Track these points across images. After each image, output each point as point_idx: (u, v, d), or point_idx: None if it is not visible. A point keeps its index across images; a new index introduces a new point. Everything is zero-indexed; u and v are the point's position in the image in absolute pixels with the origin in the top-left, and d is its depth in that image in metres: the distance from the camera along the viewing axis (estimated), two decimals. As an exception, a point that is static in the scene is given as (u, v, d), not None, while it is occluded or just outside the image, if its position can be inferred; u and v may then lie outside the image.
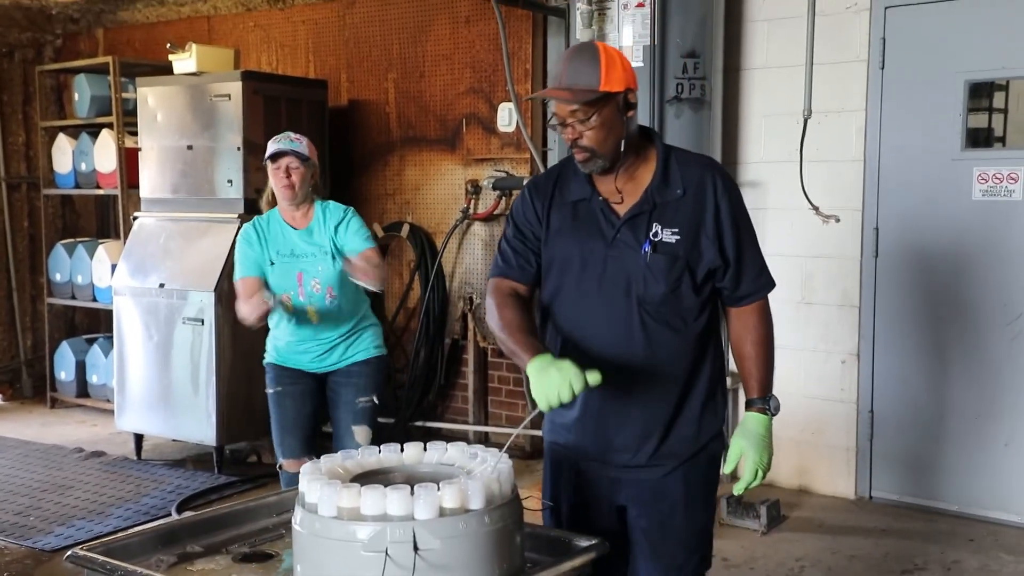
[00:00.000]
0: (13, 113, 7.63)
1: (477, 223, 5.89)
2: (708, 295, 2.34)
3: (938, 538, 4.48)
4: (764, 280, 2.39)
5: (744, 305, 2.38)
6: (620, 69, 2.24)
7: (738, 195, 2.37)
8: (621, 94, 2.25)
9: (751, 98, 5.10)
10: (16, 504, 5.01)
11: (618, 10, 4.56)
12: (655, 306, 2.28)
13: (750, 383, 2.38)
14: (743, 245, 2.34)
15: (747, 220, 2.38)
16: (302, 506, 1.91)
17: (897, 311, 4.83)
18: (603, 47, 2.27)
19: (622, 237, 2.29)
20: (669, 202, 2.30)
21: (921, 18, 4.68)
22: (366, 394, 3.82)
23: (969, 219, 4.63)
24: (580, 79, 2.22)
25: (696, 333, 2.33)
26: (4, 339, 7.66)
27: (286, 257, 3.76)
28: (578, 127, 2.24)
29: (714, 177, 2.33)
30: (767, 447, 2.33)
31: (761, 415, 2.34)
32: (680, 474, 2.36)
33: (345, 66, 6.38)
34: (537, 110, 5.65)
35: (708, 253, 2.30)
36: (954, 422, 4.73)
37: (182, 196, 5.80)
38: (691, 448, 2.37)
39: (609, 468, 2.38)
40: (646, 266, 2.27)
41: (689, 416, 2.36)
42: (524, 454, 5.71)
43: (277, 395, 3.87)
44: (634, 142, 2.32)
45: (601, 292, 2.30)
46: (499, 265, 2.44)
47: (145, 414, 5.74)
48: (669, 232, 2.28)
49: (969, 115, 4.63)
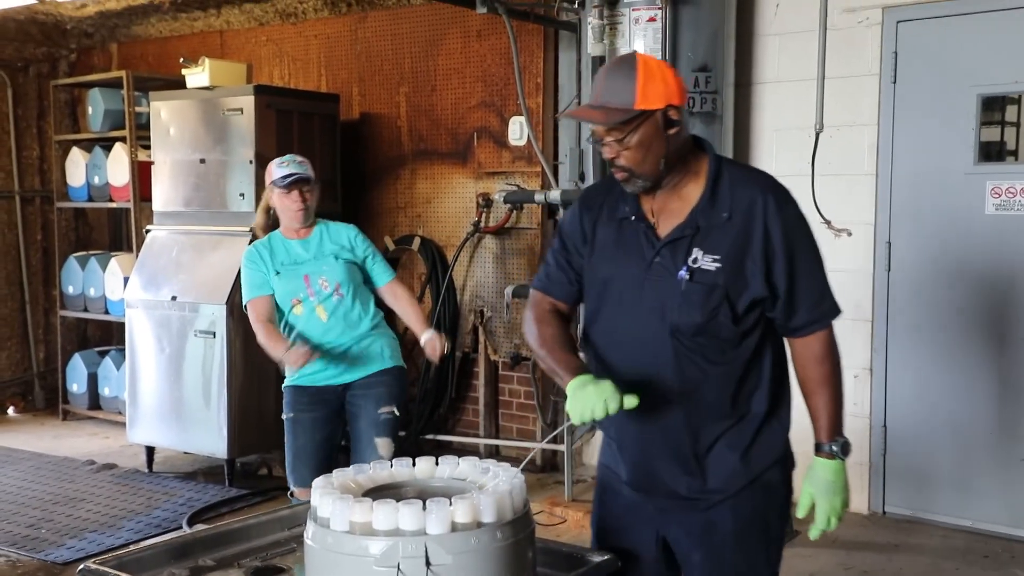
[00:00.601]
0: (28, 127, 7.68)
1: (488, 236, 5.90)
2: (754, 325, 2.17)
3: (952, 554, 4.45)
4: (824, 308, 2.20)
5: (801, 336, 2.21)
6: (660, 84, 2.10)
7: (794, 217, 2.17)
8: (660, 111, 2.10)
9: (763, 112, 5.10)
10: (28, 516, 5.02)
11: (629, 24, 4.57)
12: (689, 336, 2.14)
13: (815, 424, 2.22)
14: (797, 273, 2.14)
15: (805, 244, 2.17)
16: (314, 520, 1.91)
17: (910, 325, 4.81)
18: (643, 60, 2.13)
19: (661, 261, 2.16)
20: (714, 226, 2.14)
21: (933, 32, 4.67)
22: (388, 404, 3.78)
23: (982, 233, 4.61)
24: (614, 97, 2.10)
25: (741, 362, 2.18)
26: (17, 351, 7.69)
27: (290, 265, 3.80)
28: (615, 146, 2.12)
29: (766, 199, 2.14)
30: (838, 491, 2.20)
31: (828, 460, 2.19)
32: (728, 506, 2.22)
33: (357, 80, 6.41)
34: (549, 124, 5.66)
35: (754, 283, 2.12)
36: (968, 437, 4.70)
37: (194, 209, 5.82)
38: (740, 481, 2.21)
39: (654, 498, 2.27)
40: (681, 294, 2.12)
41: (736, 447, 2.20)
42: (536, 468, 5.69)
43: (291, 421, 3.85)
44: (681, 159, 2.17)
45: (635, 318, 2.18)
46: (542, 279, 2.37)
47: (157, 427, 5.75)
48: (710, 259, 2.12)
49: (982, 129, 4.62)
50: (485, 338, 5.88)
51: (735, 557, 2.24)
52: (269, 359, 3.92)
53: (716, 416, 2.19)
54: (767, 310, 2.17)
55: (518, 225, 5.79)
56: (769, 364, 2.22)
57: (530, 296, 2.38)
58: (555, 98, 5.66)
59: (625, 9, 4.58)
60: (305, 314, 3.78)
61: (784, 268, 2.13)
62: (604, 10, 4.56)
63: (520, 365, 5.76)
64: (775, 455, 2.24)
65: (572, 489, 5.11)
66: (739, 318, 2.14)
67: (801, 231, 2.18)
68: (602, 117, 2.11)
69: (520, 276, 5.75)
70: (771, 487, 2.24)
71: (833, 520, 2.20)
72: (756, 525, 2.25)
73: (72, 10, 6.67)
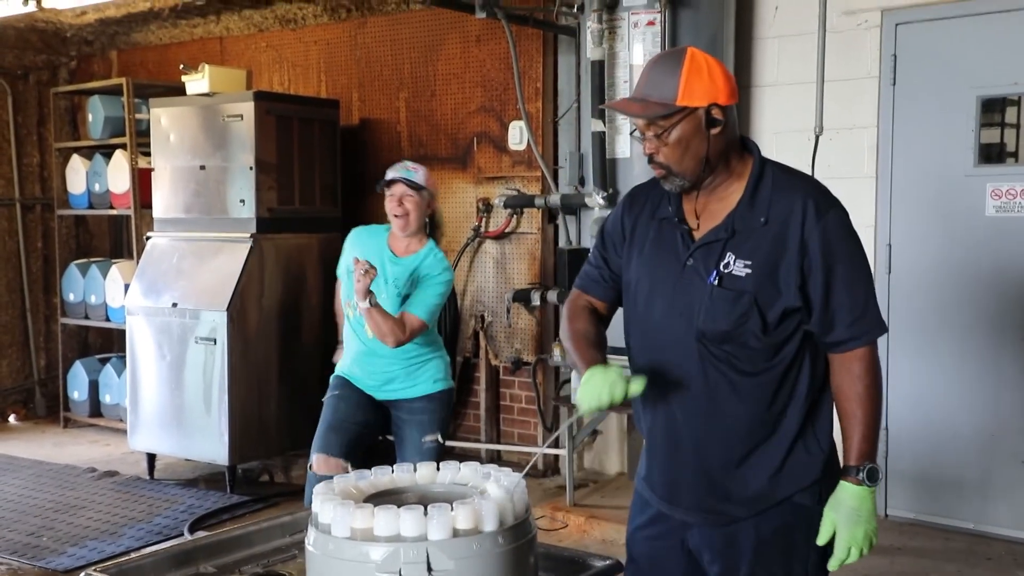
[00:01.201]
0: (28, 135, 7.68)
1: (489, 241, 5.90)
2: (789, 336, 2.08)
3: (955, 557, 4.44)
4: (866, 325, 2.07)
5: (840, 352, 2.09)
6: (706, 80, 2.03)
7: (836, 226, 2.07)
8: (703, 109, 2.04)
9: (762, 115, 5.10)
10: (29, 524, 5.02)
11: (628, 28, 4.58)
12: (716, 344, 2.07)
13: (846, 446, 2.10)
14: (834, 285, 2.04)
15: (847, 256, 2.06)
16: (315, 526, 1.91)
17: (911, 328, 4.80)
18: (692, 55, 2.05)
19: (693, 264, 2.10)
20: (750, 230, 2.06)
21: (932, 34, 4.67)
22: (432, 431, 3.70)
23: (983, 235, 4.61)
24: (656, 91, 2.04)
25: (775, 376, 2.08)
26: (18, 359, 7.69)
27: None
28: (654, 142, 2.07)
29: (806, 206, 2.04)
30: (864, 521, 2.07)
31: (854, 486, 2.07)
32: (751, 524, 2.14)
33: (357, 85, 6.41)
34: (548, 128, 5.67)
35: (787, 293, 2.04)
36: (970, 439, 4.70)
37: (195, 216, 5.82)
38: (766, 501, 2.13)
39: (677, 509, 2.22)
40: (709, 299, 2.06)
41: (765, 465, 2.11)
42: (538, 473, 5.69)
43: (333, 398, 3.76)
44: (725, 160, 2.11)
45: (666, 322, 2.13)
46: (582, 276, 2.35)
47: (158, 434, 5.74)
48: (742, 264, 2.04)
49: (982, 131, 4.62)
50: (486, 343, 5.88)
51: (752, 572, 2.17)
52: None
53: (744, 431, 2.11)
54: (804, 322, 2.08)
55: (518, 230, 5.79)
56: (806, 381, 2.12)
57: (570, 293, 2.37)
58: (555, 102, 5.67)
59: (624, 13, 4.59)
60: (355, 320, 3.71)
61: (821, 279, 2.04)
62: (603, 14, 4.57)
63: (521, 370, 5.76)
64: (809, 478, 2.13)
65: (574, 494, 5.10)
66: (769, 328, 2.05)
67: (843, 242, 2.08)
68: (640, 110, 2.06)
69: (521, 281, 5.75)
70: (800, 509, 2.14)
71: (854, 552, 2.08)
72: (778, 543, 2.16)
73: (72, 18, 6.68)
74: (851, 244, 2.10)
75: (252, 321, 5.52)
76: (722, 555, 2.19)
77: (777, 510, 2.14)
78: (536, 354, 5.65)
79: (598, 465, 5.71)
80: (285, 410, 5.64)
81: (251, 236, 5.52)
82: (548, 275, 5.68)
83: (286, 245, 5.65)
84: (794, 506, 2.14)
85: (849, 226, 2.11)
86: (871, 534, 2.10)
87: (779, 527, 2.15)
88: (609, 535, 4.69)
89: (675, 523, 2.24)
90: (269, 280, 5.60)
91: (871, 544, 2.10)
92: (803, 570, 2.18)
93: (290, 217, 5.68)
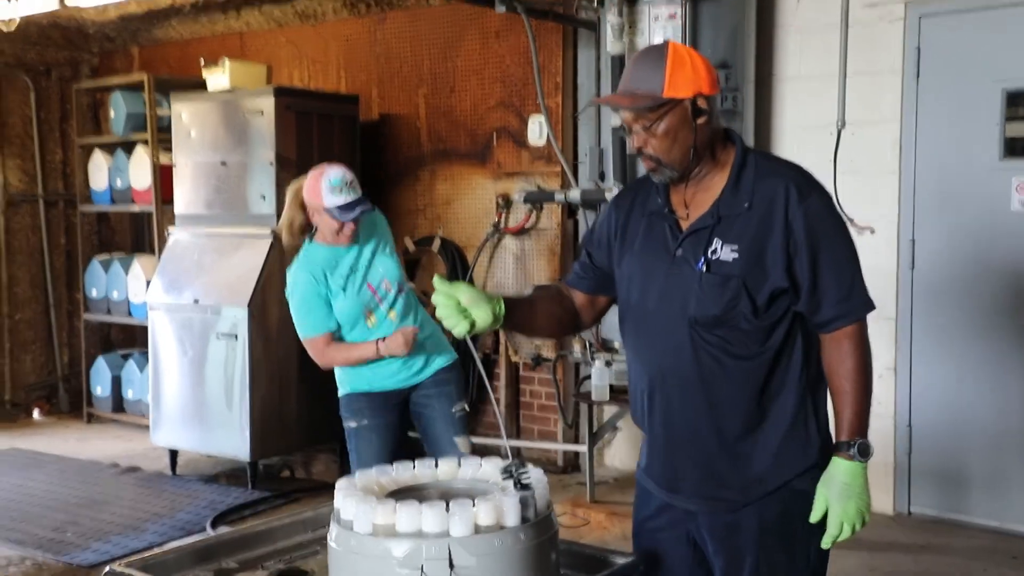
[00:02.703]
0: (50, 131, 7.74)
1: (508, 237, 5.89)
2: (780, 319, 2.11)
3: (979, 555, 4.40)
4: (854, 303, 2.12)
5: (829, 331, 2.13)
6: (690, 72, 2.08)
7: (819, 208, 2.11)
8: (688, 100, 2.08)
9: (783, 109, 5.06)
10: (53, 519, 5.05)
11: (649, 22, 4.56)
12: (709, 329, 2.11)
13: (837, 423, 2.14)
14: (821, 266, 2.08)
15: (831, 236, 2.11)
16: (337, 522, 1.91)
17: (935, 324, 4.76)
18: (674, 48, 2.11)
19: (683, 253, 2.14)
20: (735, 216, 2.11)
21: (956, 27, 4.62)
22: (459, 400, 3.67)
23: (1008, 230, 4.56)
24: (642, 84, 2.09)
25: (768, 359, 2.12)
26: (41, 355, 7.75)
27: (348, 277, 3.53)
28: (642, 134, 2.11)
29: (788, 189, 2.09)
30: (855, 496, 2.10)
31: (845, 461, 2.10)
32: (754, 510, 2.16)
33: (376, 81, 6.42)
34: (568, 123, 5.65)
35: (774, 274, 2.08)
36: (995, 436, 4.65)
37: (216, 212, 5.84)
38: (765, 486, 2.16)
39: (680, 499, 2.24)
40: (699, 285, 2.10)
41: (763, 449, 2.15)
42: (558, 470, 5.68)
43: (361, 430, 3.59)
44: (711, 151, 2.16)
45: (658, 312, 2.17)
46: (570, 273, 2.43)
47: (179, 429, 5.77)
48: (729, 249, 2.09)
49: (1007, 124, 4.56)
50: (506, 339, 5.87)
51: (758, 560, 2.18)
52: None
53: (740, 416, 2.14)
54: (792, 304, 2.11)
55: (538, 226, 5.78)
56: (800, 363, 2.15)
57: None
58: (574, 97, 5.64)
59: (645, 6, 4.57)
60: (378, 322, 3.56)
61: (808, 260, 2.08)
62: (623, 8, 4.55)
63: (541, 366, 5.74)
64: (808, 462, 2.16)
65: (594, 490, 5.09)
66: (759, 310, 2.09)
67: (827, 223, 2.11)
68: (629, 103, 2.10)
69: (540, 277, 5.74)
70: (800, 495, 2.16)
71: (846, 527, 2.10)
72: (780, 528, 2.18)
73: (94, 14, 6.71)
74: (835, 224, 2.14)
75: (273, 317, 5.53)
76: (725, 545, 2.20)
77: (777, 496, 2.16)
78: (556, 351, 5.64)
79: (618, 462, 5.70)
80: (306, 406, 5.65)
81: (272, 232, 5.53)
82: (568, 271, 5.65)
83: (306, 241, 5.65)
84: (794, 492, 2.16)
85: (832, 207, 2.16)
86: (863, 509, 2.12)
87: (781, 514, 2.17)
88: (629, 531, 4.65)
89: (679, 514, 2.26)
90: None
91: (864, 520, 2.12)
92: (806, 556, 2.19)
93: (310, 213, 5.68)
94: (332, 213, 3.46)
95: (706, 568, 2.28)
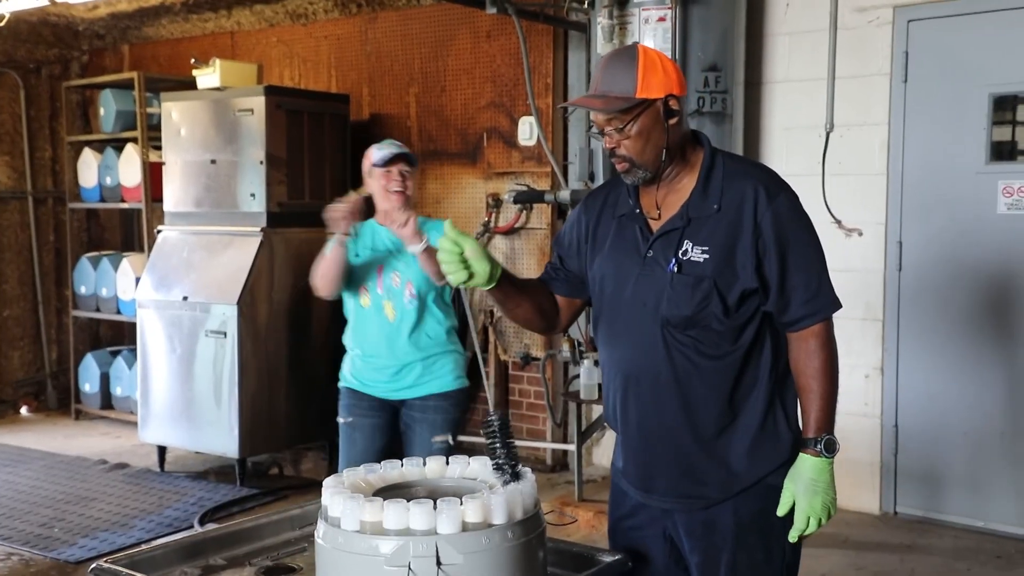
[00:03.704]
0: (40, 128, 7.72)
1: (498, 236, 5.90)
2: (749, 318, 2.15)
3: (965, 555, 4.43)
4: (820, 302, 2.14)
5: (796, 330, 2.16)
6: (660, 73, 2.11)
7: (787, 209, 2.14)
8: (660, 100, 2.11)
9: (772, 112, 5.09)
10: (40, 516, 5.05)
11: (639, 24, 4.57)
12: (681, 329, 2.14)
13: (804, 419, 2.17)
14: (789, 267, 2.12)
15: (799, 237, 2.14)
16: (325, 520, 1.92)
17: (921, 325, 4.79)
18: (644, 51, 2.14)
19: (654, 255, 2.17)
20: (704, 218, 2.14)
21: (944, 31, 4.66)
22: (442, 432, 3.54)
23: (994, 233, 4.60)
24: (615, 86, 2.11)
25: (738, 358, 2.15)
26: (30, 351, 7.73)
27: (371, 251, 3.57)
28: (615, 136, 2.14)
29: (757, 191, 2.12)
30: (821, 491, 2.13)
31: (812, 457, 2.13)
32: (729, 507, 2.19)
33: (367, 80, 6.42)
34: (558, 124, 5.67)
35: (744, 275, 2.11)
36: (981, 437, 4.69)
37: (205, 210, 5.84)
38: (741, 482, 2.18)
39: (656, 498, 2.26)
40: (670, 286, 2.13)
41: (736, 447, 2.18)
42: (546, 468, 5.70)
43: (348, 427, 3.61)
44: (681, 152, 2.19)
45: (631, 313, 2.19)
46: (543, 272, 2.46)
47: (168, 426, 5.77)
48: (699, 251, 2.12)
49: (993, 128, 4.60)
50: (495, 338, 5.88)
51: (735, 557, 2.21)
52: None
53: (712, 414, 2.17)
54: (761, 304, 2.15)
55: (528, 225, 5.80)
56: (769, 361, 2.19)
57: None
58: (565, 98, 5.66)
59: (635, 9, 4.58)
60: (372, 308, 3.55)
61: (776, 261, 2.11)
62: (614, 10, 4.56)
63: (530, 365, 5.76)
64: (780, 458, 2.19)
65: (582, 489, 5.11)
66: (731, 311, 2.12)
67: (795, 224, 2.15)
68: (603, 104, 2.12)
69: (530, 276, 5.71)
70: (774, 491, 2.18)
71: (812, 522, 2.14)
72: (756, 524, 2.21)
73: (84, 12, 6.70)
74: (802, 225, 2.17)
75: (262, 315, 5.54)
76: (702, 541, 2.22)
77: (753, 492, 2.19)
78: (545, 349, 5.66)
79: (606, 460, 5.71)
80: (295, 403, 5.66)
81: (261, 230, 5.54)
82: (557, 271, 5.68)
83: (296, 239, 5.66)
84: (768, 488, 2.19)
85: (800, 208, 2.19)
86: (829, 504, 2.15)
87: (757, 511, 2.20)
88: (617, 530, 4.70)
89: (654, 512, 2.28)
90: (279, 274, 5.62)
91: (829, 514, 2.16)
92: (781, 551, 2.23)
93: (300, 211, 5.68)
94: (376, 164, 3.56)
95: (683, 566, 2.30)
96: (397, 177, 3.55)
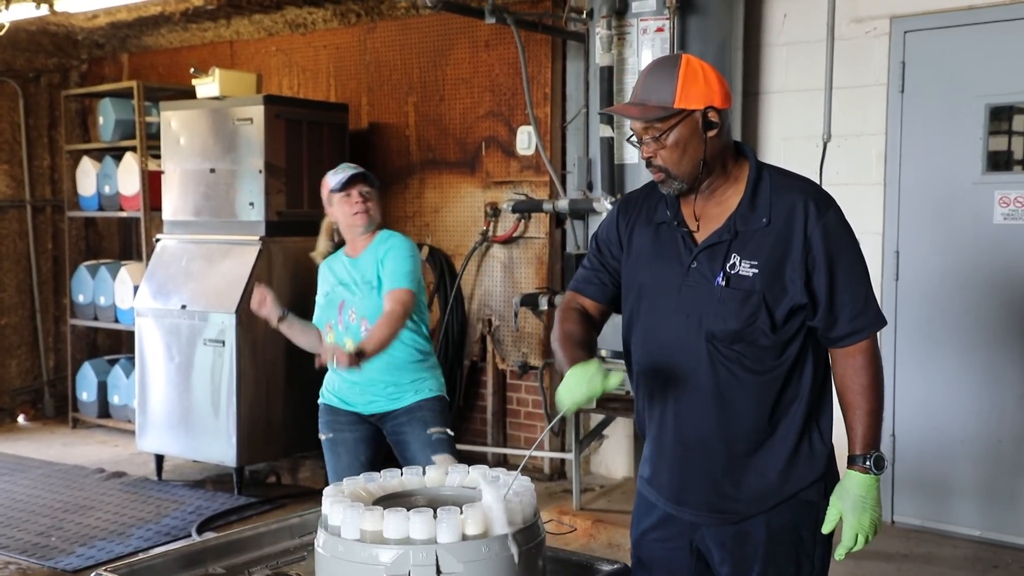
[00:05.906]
0: (39, 137, 7.73)
1: (496, 246, 5.91)
2: (795, 333, 2.13)
3: (962, 564, 4.44)
4: (867, 319, 2.13)
5: (842, 347, 2.14)
6: (702, 84, 2.08)
7: (836, 224, 2.13)
8: (700, 112, 2.08)
9: (770, 122, 5.11)
10: (38, 524, 5.04)
11: (637, 35, 4.59)
12: (727, 344, 2.11)
13: (851, 436, 2.15)
14: (837, 282, 2.10)
15: (848, 253, 2.13)
16: (325, 528, 1.92)
17: (918, 335, 4.80)
18: (687, 60, 2.11)
19: (698, 266, 2.13)
20: (752, 231, 2.11)
21: (940, 42, 4.68)
22: (436, 425, 3.47)
23: (990, 243, 4.61)
24: (653, 95, 2.09)
25: (781, 373, 2.13)
26: (27, 360, 7.72)
27: (336, 286, 3.56)
28: (652, 145, 2.12)
29: (807, 206, 2.10)
30: (868, 508, 2.11)
31: (861, 474, 2.11)
32: (762, 520, 2.17)
33: (366, 90, 6.44)
34: (557, 133, 5.68)
35: (793, 290, 2.09)
36: (978, 446, 4.69)
37: (204, 219, 5.85)
38: (775, 497, 2.16)
39: (686, 510, 2.23)
40: (718, 300, 2.10)
41: (772, 462, 2.15)
42: (544, 477, 5.70)
43: (330, 442, 3.58)
44: (722, 164, 2.16)
45: (672, 324, 2.16)
46: (576, 278, 2.37)
47: (166, 435, 5.77)
48: (748, 265, 2.09)
49: (990, 138, 4.62)
50: (493, 347, 5.89)
51: (765, 569, 2.19)
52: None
53: (752, 428, 2.15)
54: (808, 319, 2.13)
55: (526, 234, 5.80)
56: (809, 377, 2.17)
57: (564, 296, 2.39)
58: (563, 108, 5.68)
59: (633, 19, 4.60)
60: (342, 333, 3.50)
61: (825, 276, 2.10)
62: (612, 20, 4.58)
63: (528, 374, 5.77)
64: (815, 474, 2.18)
65: (580, 498, 5.11)
66: (778, 326, 2.10)
67: (843, 239, 2.14)
68: (639, 113, 2.10)
69: (528, 285, 5.77)
70: (807, 505, 2.18)
71: (861, 539, 2.12)
72: (787, 537, 2.19)
73: (83, 21, 6.72)
74: (851, 241, 2.16)
75: (260, 323, 5.47)
76: (733, 554, 2.20)
77: (786, 506, 2.17)
78: (543, 358, 5.66)
79: (604, 469, 5.72)
80: (293, 412, 5.66)
81: (260, 239, 5.55)
82: (556, 280, 5.69)
83: (295, 248, 5.66)
84: (801, 502, 2.17)
85: (847, 224, 2.17)
86: (876, 521, 2.14)
87: (788, 523, 2.18)
88: (616, 539, 4.70)
89: (683, 524, 2.25)
90: (278, 283, 5.61)
91: (876, 531, 2.14)
92: (811, 564, 2.22)
93: (299, 220, 5.69)
94: (334, 190, 3.54)
95: None
96: (358, 199, 3.52)
